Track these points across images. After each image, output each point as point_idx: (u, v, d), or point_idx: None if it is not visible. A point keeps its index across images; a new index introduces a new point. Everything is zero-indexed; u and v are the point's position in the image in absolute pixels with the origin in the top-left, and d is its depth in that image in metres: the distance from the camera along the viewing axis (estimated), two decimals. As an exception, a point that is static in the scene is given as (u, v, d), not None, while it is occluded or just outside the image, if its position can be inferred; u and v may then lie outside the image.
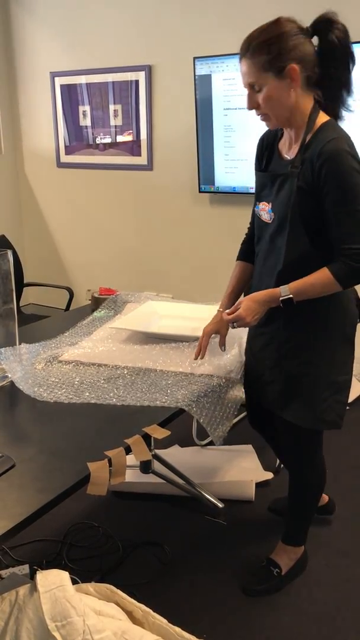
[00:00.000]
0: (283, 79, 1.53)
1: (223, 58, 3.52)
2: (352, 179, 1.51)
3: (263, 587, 2.00)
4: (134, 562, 2.14)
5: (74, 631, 1.24)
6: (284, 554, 2.05)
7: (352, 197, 1.51)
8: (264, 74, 1.52)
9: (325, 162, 1.51)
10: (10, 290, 1.96)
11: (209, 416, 1.65)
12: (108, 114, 4.21)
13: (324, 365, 1.70)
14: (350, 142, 1.55)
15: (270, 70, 1.51)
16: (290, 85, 1.53)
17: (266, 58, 1.50)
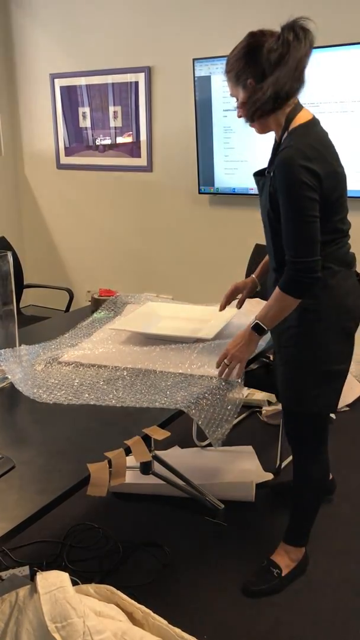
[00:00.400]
0: (247, 90, 1.68)
1: (222, 59, 3.51)
2: (297, 190, 1.58)
3: (263, 587, 2.00)
4: (134, 563, 2.14)
5: (74, 632, 1.24)
6: (285, 555, 2.06)
7: (295, 208, 1.60)
8: (235, 86, 1.71)
9: (277, 171, 1.62)
10: (10, 291, 1.96)
11: (208, 418, 1.65)
12: (108, 115, 4.21)
13: (318, 354, 1.77)
14: (307, 152, 1.59)
15: (239, 84, 1.69)
16: (255, 96, 1.65)
17: (233, 73, 1.70)
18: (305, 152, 1.58)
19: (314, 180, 1.58)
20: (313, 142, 1.62)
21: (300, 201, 1.58)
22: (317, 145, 1.62)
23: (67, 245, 4.79)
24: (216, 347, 2.04)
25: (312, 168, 1.58)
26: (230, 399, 1.74)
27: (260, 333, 1.77)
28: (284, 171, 1.59)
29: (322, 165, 1.60)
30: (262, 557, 2.14)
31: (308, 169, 1.57)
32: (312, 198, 1.59)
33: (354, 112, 3.24)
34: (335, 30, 3.25)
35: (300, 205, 1.59)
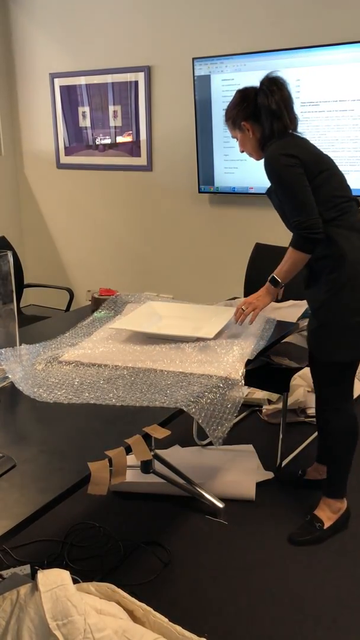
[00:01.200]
0: (243, 131, 2.14)
1: (222, 59, 3.53)
2: (282, 171, 1.98)
3: (305, 538, 2.21)
4: (134, 561, 2.15)
5: (74, 630, 1.25)
6: (326, 508, 2.24)
7: (286, 184, 1.99)
8: (233, 130, 2.18)
9: (265, 169, 2.04)
10: (10, 291, 1.97)
11: (208, 416, 1.66)
12: (107, 115, 4.22)
13: (342, 313, 2.03)
14: (282, 145, 2.00)
15: (236, 127, 2.16)
16: (249, 133, 2.13)
17: (231, 120, 2.17)
18: (280, 145, 2.01)
19: (294, 160, 1.97)
20: (286, 140, 2.04)
21: (287, 178, 1.97)
22: (290, 140, 2.03)
23: (67, 245, 4.80)
24: (216, 346, 2.04)
25: (289, 152, 1.98)
26: (230, 397, 1.74)
27: (275, 285, 2.11)
28: (269, 164, 2.01)
29: (297, 149, 1.99)
30: (263, 555, 2.14)
31: (286, 154, 1.98)
32: (297, 172, 1.97)
33: (354, 111, 3.24)
34: (333, 29, 3.25)
35: (289, 181, 1.97)
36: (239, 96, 2.14)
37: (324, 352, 2.11)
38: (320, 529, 2.22)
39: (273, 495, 2.51)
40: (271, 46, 3.44)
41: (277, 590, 2.01)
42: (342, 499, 2.25)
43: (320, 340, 2.11)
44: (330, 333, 2.07)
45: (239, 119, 2.12)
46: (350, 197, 2.07)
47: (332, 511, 2.25)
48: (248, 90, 2.12)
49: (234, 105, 2.14)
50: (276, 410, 3.15)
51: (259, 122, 2.08)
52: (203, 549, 2.21)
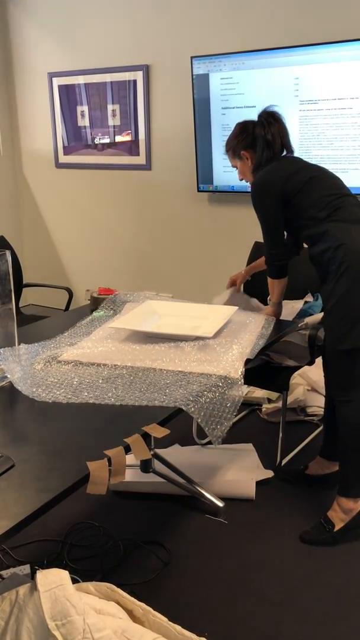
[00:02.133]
0: (243, 160, 2.35)
1: (220, 57, 3.53)
2: (254, 201, 2.26)
3: (315, 539, 2.22)
4: (134, 561, 2.15)
5: (74, 630, 1.24)
6: (338, 508, 2.22)
7: (260, 219, 2.27)
8: (233, 159, 2.38)
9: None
10: (8, 290, 1.96)
11: (207, 415, 1.65)
12: (106, 114, 4.21)
13: (349, 299, 2.10)
14: (262, 174, 2.24)
15: (235, 157, 2.37)
16: (249, 161, 2.34)
17: (231, 151, 2.37)
18: (262, 174, 2.25)
19: (267, 196, 2.22)
20: (264, 171, 2.25)
21: (260, 208, 2.25)
22: (266, 170, 2.25)
23: (66, 244, 4.79)
24: (215, 345, 2.04)
25: (264, 188, 2.22)
26: (229, 396, 1.74)
27: (273, 306, 2.44)
28: (251, 195, 2.27)
29: (274, 174, 2.22)
30: (263, 554, 2.14)
31: (260, 191, 2.23)
32: (268, 203, 2.22)
33: (353, 109, 3.23)
34: (332, 27, 3.25)
35: (261, 212, 2.26)
36: (239, 128, 2.35)
37: (334, 339, 2.13)
38: (330, 532, 2.20)
39: (273, 494, 2.51)
40: (270, 44, 3.44)
41: (278, 590, 2.01)
42: (356, 498, 2.19)
43: (329, 329, 2.15)
44: (338, 319, 2.11)
45: (239, 149, 2.33)
46: (342, 193, 2.17)
47: (344, 512, 2.20)
48: (247, 122, 2.33)
49: (235, 136, 2.34)
50: (276, 409, 3.14)
51: (254, 151, 2.30)
52: (203, 548, 2.20)
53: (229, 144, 2.38)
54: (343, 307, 2.09)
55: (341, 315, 2.09)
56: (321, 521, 2.24)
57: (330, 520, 2.22)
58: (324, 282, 2.20)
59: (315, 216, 2.13)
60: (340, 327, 2.10)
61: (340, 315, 2.09)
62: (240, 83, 3.51)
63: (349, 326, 2.09)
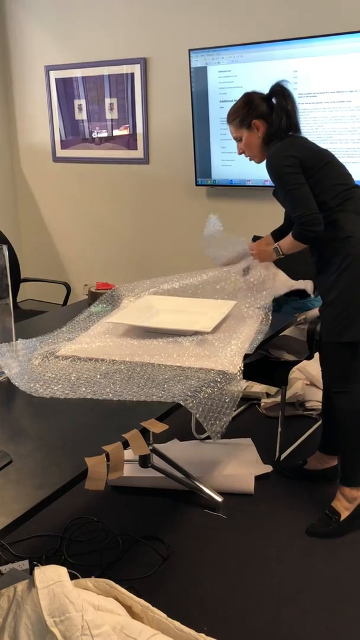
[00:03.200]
0: (252, 130, 2.23)
1: (218, 50, 3.50)
2: (280, 170, 2.11)
3: (322, 530, 2.22)
4: (133, 556, 2.14)
5: (72, 626, 1.24)
6: (342, 498, 2.24)
7: (284, 182, 2.10)
8: (239, 129, 2.25)
9: (266, 169, 2.18)
10: (6, 285, 1.95)
11: (206, 411, 1.64)
12: (104, 107, 4.19)
13: (351, 291, 2.10)
14: (281, 147, 2.13)
15: (242, 127, 2.24)
16: (258, 133, 2.23)
17: (238, 119, 2.24)
18: (280, 148, 2.13)
19: (292, 160, 2.08)
20: (282, 142, 2.16)
21: (285, 178, 2.09)
22: (290, 141, 2.15)
23: (64, 239, 4.78)
24: (214, 340, 2.03)
25: (288, 154, 2.10)
26: (228, 391, 1.73)
27: (277, 254, 2.30)
28: (269, 166, 2.15)
29: (296, 148, 2.11)
30: (262, 549, 2.14)
31: (284, 155, 2.10)
32: (293, 172, 2.08)
33: (352, 102, 3.22)
34: (331, 19, 3.23)
35: (286, 181, 2.09)
36: (247, 97, 2.24)
37: (334, 331, 2.14)
38: (337, 522, 2.22)
39: (272, 489, 2.51)
40: (268, 37, 3.41)
41: (277, 585, 2.00)
42: (358, 487, 2.23)
43: (329, 320, 2.15)
44: (339, 312, 2.11)
45: (251, 117, 2.21)
46: (352, 184, 2.16)
47: (348, 501, 2.23)
48: (255, 93, 2.25)
49: (245, 104, 2.23)
50: (275, 403, 3.14)
51: (268, 121, 2.20)
52: (202, 543, 2.20)
53: (236, 112, 2.25)
54: (345, 300, 2.09)
55: (343, 308, 2.10)
56: (326, 512, 2.25)
57: (336, 510, 2.23)
58: (321, 271, 2.20)
59: (326, 202, 2.10)
60: (342, 319, 2.11)
61: (343, 307, 2.10)
62: (238, 76, 3.48)
63: (351, 319, 2.09)
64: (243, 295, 2.46)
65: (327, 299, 2.16)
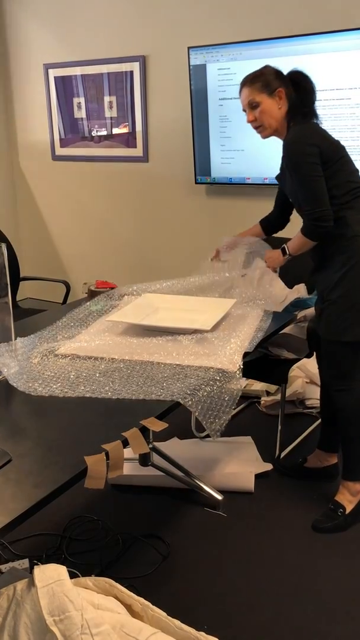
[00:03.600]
0: (273, 97, 2.11)
1: (218, 47, 3.49)
2: (300, 159, 2.04)
3: (328, 525, 2.23)
4: (133, 555, 2.14)
5: (72, 625, 1.24)
6: (346, 491, 2.26)
7: (302, 172, 2.04)
8: (260, 93, 2.11)
9: (284, 152, 2.10)
10: (5, 284, 1.95)
11: (205, 409, 1.64)
12: (103, 105, 4.18)
13: (354, 292, 2.10)
14: (305, 133, 2.06)
15: (263, 92, 2.11)
16: (279, 103, 2.12)
17: (262, 83, 2.11)
18: (303, 132, 2.07)
19: (314, 149, 2.02)
20: (307, 128, 2.10)
21: (304, 168, 2.03)
22: (309, 126, 2.10)
23: (63, 237, 4.77)
24: (214, 339, 2.03)
25: (311, 142, 2.03)
26: (227, 390, 1.73)
27: (283, 254, 2.26)
28: (289, 149, 2.06)
29: (319, 137, 2.05)
30: (262, 547, 2.14)
31: (308, 143, 2.02)
32: (313, 162, 2.02)
33: (351, 99, 3.21)
34: (330, 16, 3.22)
35: (305, 171, 2.03)
36: (273, 67, 2.15)
37: (334, 331, 2.14)
38: (343, 515, 2.23)
39: (272, 487, 2.51)
40: (267, 35, 3.40)
41: (277, 582, 2.00)
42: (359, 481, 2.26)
43: (332, 319, 2.14)
44: (342, 311, 2.11)
45: (276, 84, 2.10)
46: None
47: (352, 494, 2.26)
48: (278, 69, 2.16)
49: (271, 72, 2.13)
50: (275, 401, 3.14)
51: (291, 96, 2.11)
52: (202, 542, 2.20)
53: (260, 76, 2.12)
54: (350, 300, 2.09)
55: (347, 307, 2.10)
56: (330, 507, 2.26)
57: (340, 503, 2.25)
58: (322, 268, 2.19)
59: (336, 197, 2.07)
60: (345, 318, 2.11)
61: (346, 307, 2.10)
62: (237, 74, 3.47)
63: (354, 318, 2.10)
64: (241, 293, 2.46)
65: (329, 296, 2.15)
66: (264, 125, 2.15)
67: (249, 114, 2.16)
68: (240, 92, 2.18)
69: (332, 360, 2.21)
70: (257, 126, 2.17)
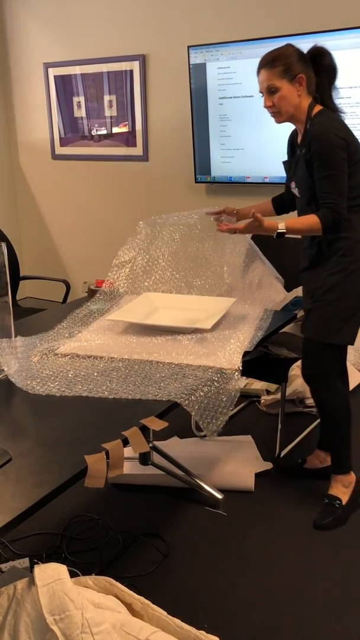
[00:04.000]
0: (294, 84, 2.01)
1: (217, 46, 3.49)
2: (332, 151, 1.97)
3: (329, 520, 2.24)
4: (134, 554, 2.14)
5: (72, 624, 1.24)
6: (338, 484, 2.31)
7: (332, 165, 1.97)
8: (279, 79, 2.00)
9: (312, 139, 2.00)
10: (5, 283, 1.95)
11: (202, 409, 1.64)
12: (103, 104, 4.18)
13: (350, 296, 2.09)
14: (334, 124, 2.00)
15: (285, 77, 2.00)
16: (298, 90, 2.02)
17: (284, 68, 1.99)
18: (334, 125, 2.00)
19: (343, 143, 1.97)
20: (334, 119, 2.04)
21: (334, 160, 1.97)
22: (337, 120, 2.04)
23: (63, 237, 4.77)
24: (213, 339, 2.03)
25: (341, 135, 1.97)
26: (225, 390, 1.73)
27: (279, 235, 2.02)
28: (321, 139, 1.97)
29: (347, 132, 2.00)
30: (262, 546, 2.14)
31: (337, 135, 1.97)
32: (343, 157, 1.98)
33: (351, 98, 3.21)
34: (329, 15, 3.22)
35: (334, 163, 1.97)
36: (295, 47, 2.01)
37: (324, 332, 2.13)
38: (340, 506, 2.27)
39: (272, 486, 2.51)
40: (267, 33, 3.40)
41: (277, 581, 2.00)
42: (350, 472, 2.32)
43: (321, 321, 2.13)
44: (335, 314, 2.10)
45: (298, 69, 1.99)
46: None
47: (345, 486, 2.31)
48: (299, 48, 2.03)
49: (294, 52, 2.00)
50: (275, 400, 3.14)
51: (311, 80, 2.02)
52: (202, 541, 2.20)
53: (283, 58, 1.99)
54: (346, 303, 2.09)
55: (341, 310, 2.10)
56: (325, 502, 2.29)
57: (335, 496, 2.29)
58: (316, 266, 2.17)
59: (348, 198, 2.03)
60: (337, 321, 2.11)
61: (341, 310, 2.10)
62: (237, 73, 3.47)
63: (346, 322, 2.11)
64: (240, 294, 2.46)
65: (323, 298, 2.13)
66: (281, 111, 2.05)
67: (267, 99, 2.05)
68: (259, 73, 2.05)
69: (314, 360, 2.21)
70: (274, 112, 2.07)
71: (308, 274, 2.23)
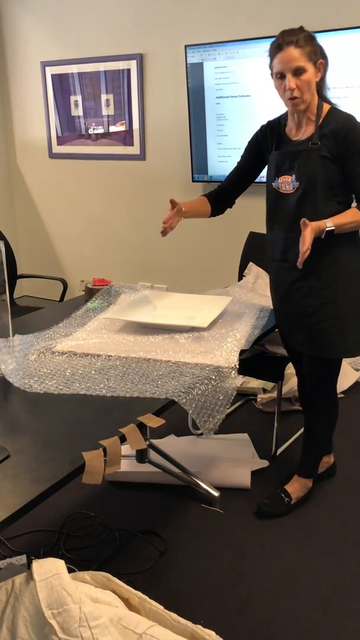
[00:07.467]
0: (314, 69, 1.87)
1: (215, 46, 3.50)
2: None
3: (273, 510, 2.31)
4: (130, 551, 2.16)
5: (70, 618, 1.25)
6: (298, 485, 2.36)
7: None
8: (307, 61, 1.83)
9: (348, 132, 1.88)
10: (2, 281, 1.96)
11: (199, 407, 1.65)
12: (100, 103, 4.18)
13: (352, 306, 2.03)
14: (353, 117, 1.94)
15: (311, 59, 1.84)
16: (316, 76, 1.89)
17: (311, 49, 1.84)
18: (352, 116, 1.93)
19: None
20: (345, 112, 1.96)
21: None
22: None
23: (60, 235, 4.78)
24: (211, 337, 2.04)
25: None
26: (222, 388, 1.74)
27: (324, 228, 1.85)
28: (358, 130, 1.88)
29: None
30: (258, 543, 2.15)
31: None
32: None
33: (348, 98, 3.22)
34: (326, 15, 3.23)
35: None
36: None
37: (339, 348, 2.06)
38: (288, 504, 2.33)
39: (268, 484, 2.52)
40: (264, 33, 3.41)
41: (273, 578, 2.02)
42: (312, 479, 2.38)
43: (342, 337, 2.04)
44: (348, 326, 2.03)
45: (318, 56, 1.87)
46: None
47: (302, 488, 2.36)
48: None
49: (315, 39, 1.86)
50: (271, 398, 3.15)
51: (323, 73, 1.93)
52: (199, 538, 2.21)
53: (313, 39, 1.85)
54: (352, 315, 2.04)
55: (341, 324, 2.04)
56: (279, 493, 2.35)
57: (289, 492, 2.34)
58: (311, 274, 2.01)
59: (340, 193, 1.97)
60: (348, 330, 2.05)
61: (342, 323, 2.04)
62: (234, 72, 3.48)
63: (344, 334, 2.05)
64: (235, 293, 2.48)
65: (331, 312, 2.02)
66: (302, 97, 1.87)
67: (292, 79, 1.82)
68: (283, 50, 1.82)
69: (320, 378, 2.19)
70: (296, 97, 1.86)
71: (302, 282, 2.05)
